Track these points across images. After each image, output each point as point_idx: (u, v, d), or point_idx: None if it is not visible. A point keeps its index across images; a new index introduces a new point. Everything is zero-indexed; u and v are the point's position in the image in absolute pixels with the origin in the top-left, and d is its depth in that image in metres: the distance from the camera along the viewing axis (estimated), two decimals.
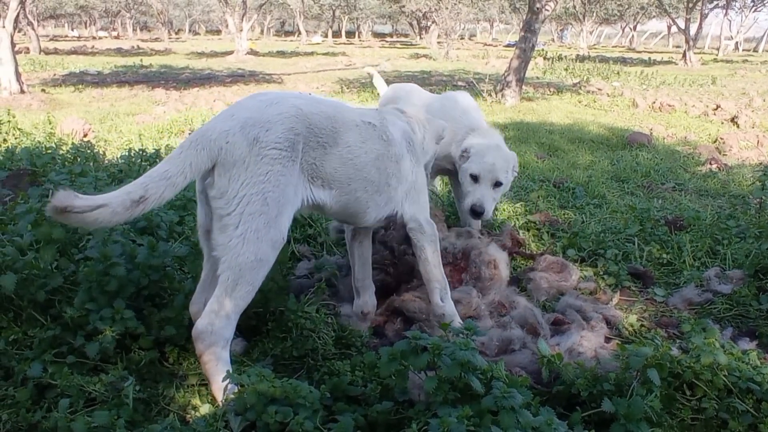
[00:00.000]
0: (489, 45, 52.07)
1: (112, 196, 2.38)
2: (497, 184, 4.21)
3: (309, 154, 2.80)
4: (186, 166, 2.51)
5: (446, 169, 4.71)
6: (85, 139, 8.41)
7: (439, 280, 3.38)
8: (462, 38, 59.74)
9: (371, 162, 3.07)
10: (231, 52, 32.02)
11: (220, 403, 2.58)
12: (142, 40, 53.86)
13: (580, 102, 14.75)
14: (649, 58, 35.66)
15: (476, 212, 4.15)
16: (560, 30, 66.95)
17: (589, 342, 3.25)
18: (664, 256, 4.60)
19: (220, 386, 2.62)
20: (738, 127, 11.22)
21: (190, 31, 75.17)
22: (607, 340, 3.44)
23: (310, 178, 2.84)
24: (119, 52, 35.14)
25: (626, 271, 4.34)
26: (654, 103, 13.78)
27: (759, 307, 3.85)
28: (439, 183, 6.09)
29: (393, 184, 3.21)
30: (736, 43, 50.60)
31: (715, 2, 38.71)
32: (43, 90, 15.36)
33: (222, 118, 2.69)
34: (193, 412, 2.68)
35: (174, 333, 2.95)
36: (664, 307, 3.97)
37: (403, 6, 40.70)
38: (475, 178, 4.21)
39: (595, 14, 50.40)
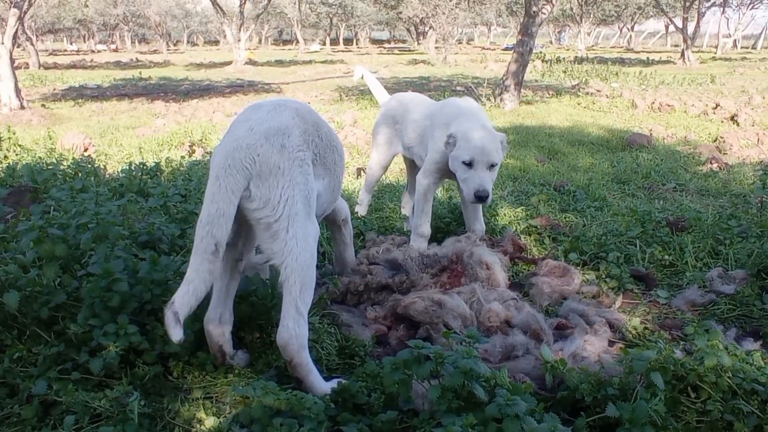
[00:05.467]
0: (487, 49, 52.20)
1: (197, 269, 2.60)
2: (492, 165, 4.24)
3: (314, 149, 3.02)
4: (230, 195, 2.66)
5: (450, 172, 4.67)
6: (86, 154, 8.45)
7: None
8: (460, 43, 59.79)
9: (338, 147, 3.36)
10: (229, 63, 32.12)
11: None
12: (141, 53, 54.04)
13: (579, 104, 14.77)
14: (648, 58, 35.67)
15: (480, 197, 4.17)
16: (558, 32, 67.06)
17: (592, 346, 3.24)
18: (666, 257, 4.59)
19: (317, 383, 2.82)
20: (738, 125, 11.21)
21: (188, 42, 75.54)
22: (611, 343, 3.43)
23: (314, 171, 3.02)
24: (118, 65, 35.27)
25: (629, 274, 4.33)
26: (653, 103, 13.78)
27: (762, 307, 3.84)
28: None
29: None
30: (734, 40, 50.71)
31: (712, 0, 38.78)
32: (43, 105, 15.40)
33: (241, 133, 2.80)
34: (198, 425, 2.67)
35: (178, 348, 2.94)
36: (668, 309, 3.96)
37: (400, 12, 40.72)
38: (469, 164, 4.22)
39: (592, 15, 50.50)
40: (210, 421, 2.65)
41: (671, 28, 41.73)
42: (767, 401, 2.51)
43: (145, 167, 6.11)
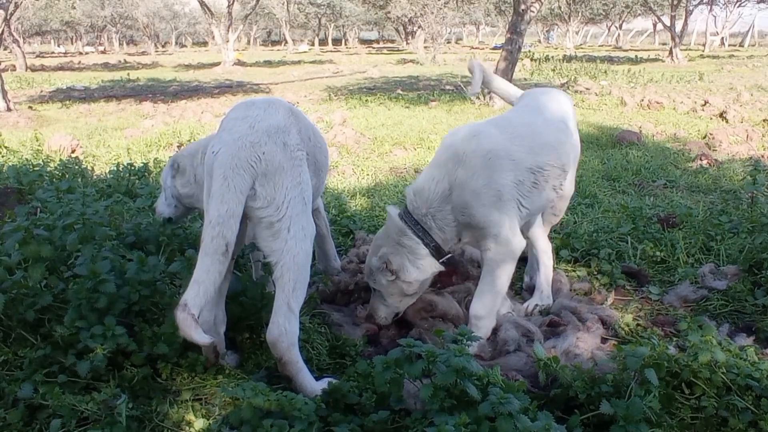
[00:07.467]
0: (476, 48, 52.20)
1: (207, 270, 2.58)
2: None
3: (307, 148, 3.00)
4: (238, 194, 2.64)
5: None
6: (73, 155, 8.37)
7: None
8: (448, 42, 59.83)
9: (324, 147, 3.40)
10: (218, 64, 31.98)
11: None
12: (129, 54, 53.79)
13: None
14: (636, 56, 35.76)
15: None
16: (546, 31, 67.18)
17: (585, 343, 3.23)
18: (658, 253, 4.58)
19: (307, 382, 2.80)
20: (727, 122, 11.26)
21: (176, 43, 75.25)
22: (604, 340, 3.42)
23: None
24: (106, 66, 35.05)
25: (620, 271, 4.31)
26: (642, 100, 13.81)
27: (755, 302, 3.84)
28: None
29: None
30: (722, 38, 50.94)
31: None
32: (30, 107, 15.29)
33: (242, 130, 2.76)
34: (187, 427, 2.64)
35: (167, 350, 2.90)
36: (660, 305, 3.95)
37: (389, 12, 40.70)
38: None
39: (580, 14, 50.68)
40: (199, 423, 2.62)
41: (659, 26, 41.89)
42: (761, 396, 2.50)
43: (132, 168, 6.05)
